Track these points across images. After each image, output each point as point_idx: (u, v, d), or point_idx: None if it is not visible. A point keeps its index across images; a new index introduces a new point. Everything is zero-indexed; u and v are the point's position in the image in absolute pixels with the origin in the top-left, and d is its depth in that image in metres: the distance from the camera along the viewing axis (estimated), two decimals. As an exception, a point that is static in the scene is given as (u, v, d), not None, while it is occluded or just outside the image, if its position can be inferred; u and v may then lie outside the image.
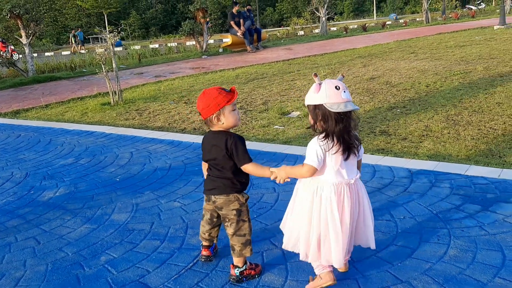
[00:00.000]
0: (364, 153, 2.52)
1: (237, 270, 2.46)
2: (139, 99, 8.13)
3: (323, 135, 2.16)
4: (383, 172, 3.82)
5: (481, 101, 6.00)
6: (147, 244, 2.91)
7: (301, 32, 24.00)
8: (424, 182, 3.55)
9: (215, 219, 2.58)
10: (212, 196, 2.45)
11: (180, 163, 4.45)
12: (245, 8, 16.34)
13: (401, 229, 2.85)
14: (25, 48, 12.51)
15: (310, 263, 2.35)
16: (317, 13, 20.08)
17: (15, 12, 11.86)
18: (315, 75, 2.20)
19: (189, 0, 64.12)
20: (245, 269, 2.48)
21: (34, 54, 13.20)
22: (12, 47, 18.81)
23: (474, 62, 9.15)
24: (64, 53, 27.55)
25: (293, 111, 6.46)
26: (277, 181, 2.35)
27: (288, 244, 2.43)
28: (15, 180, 4.32)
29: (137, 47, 22.19)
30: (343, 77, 2.29)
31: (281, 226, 2.54)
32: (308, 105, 2.23)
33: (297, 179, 2.39)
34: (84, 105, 8.17)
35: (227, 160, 2.38)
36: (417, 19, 29.59)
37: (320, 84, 2.15)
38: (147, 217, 3.31)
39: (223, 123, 2.37)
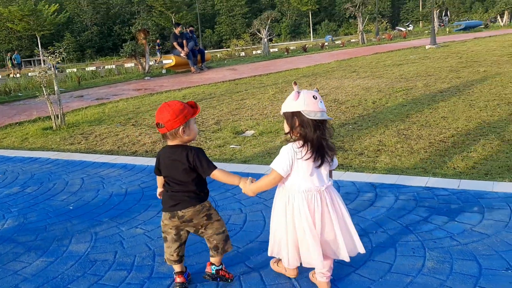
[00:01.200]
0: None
1: (214, 268, 2.55)
2: (83, 123, 7.79)
3: (300, 142, 2.21)
4: (347, 187, 3.84)
5: (427, 115, 6.24)
6: (113, 275, 2.71)
7: (242, 53, 24.24)
8: (388, 196, 3.59)
9: (182, 235, 2.50)
10: (178, 212, 2.41)
11: (136, 187, 4.26)
12: (188, 29, 16.27)
13: (375, 244, 2.84)
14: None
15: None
16: (259, 34, 20.38)
17: None
18: (295, 83, 2.27)
19: (126, 23, 63.42)
20: (221, 269, 2.57)
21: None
22: None
23: (413, 79, 9.57)
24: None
25: (247, 129, 6.41)
26: (243, 192, 2.43)
27: (272, 251, 2.48)
28: (-46, 213, 3.94)
29: (73, 69, 21.46)
30: (318, 90, 2.34)
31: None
32: (285, 113, 2.27)
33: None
34: (23, 130, 7.71)
35: (189, 173, 2.38)
36: (352, 40, 30.80)
37: (299, 92, 2.21)
38: (108, 246, 3.10)
39: (187, 136, 2.38)
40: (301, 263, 2.38)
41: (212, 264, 2.56)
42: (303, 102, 2.18)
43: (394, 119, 6.17)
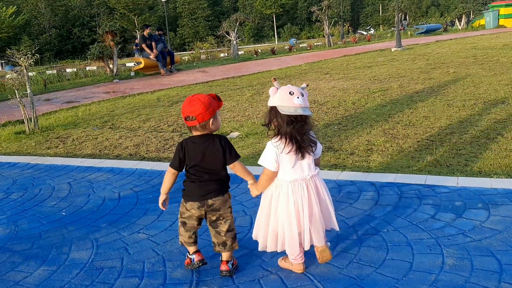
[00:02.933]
0: (320, 169, 2.72)
1: (230, 264, 2.62)
2: (57, 126, 7.50)
3: (277, 136, 2.38)
4: (347, 186, 3.83)
5: (409, 115, 6.35)
6: (124, 283, 2.59)
7: (203, 56, 23.96)
8: (391, 194, 3.60)
9: (198, 225, 2.62)
10: (209, 200, 2.51)
11: (129, 191, 4.11)
12: (157, 32, 16.01)
13: (390, 242, 2.84)
14: None
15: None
16: (228, 36, 20.31)
17: None
18: (274, 79, 2.44)
19: (85, 25, 61.95)
20: (233, 259, 2.67)
21: None
22: None
23: (387, 81, 9.74)
24: None
25: (231, 131, 6.33)
26: (251, 193, 2.60)
27: (256, 235, 2.63)
28: None
29: (31, 73, 20.71)
30: (307, 85, 2.53)
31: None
32: (268, 106, 2.44)
33: None
34: (-7, 135, 7.35)
35: (220, 160, 2.50)
36: (317, 43, 31.17)
37: (277, 88, 2.38)
38: (113, 252, 2.97)
39: (214, 127, 2.51)
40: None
41: (227, 262, 2.61)
42: (279, 98, 2.34)
43: (377, 119, 6.24)
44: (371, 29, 43.39)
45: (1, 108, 10.74)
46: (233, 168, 2.54)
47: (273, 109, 2.39)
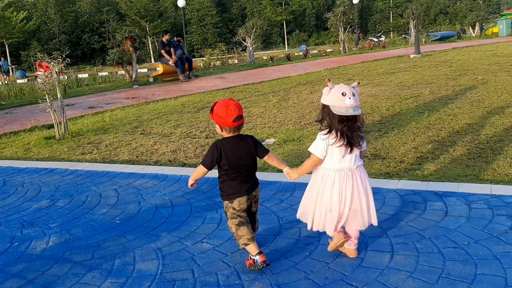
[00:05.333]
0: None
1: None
2: (87, 132, 7.40)
3: (326, 130, 2.59)
4: (409, 196, 3.68)
5: (449, 122, 6.19)
6: (202, 297, 2.46)
7: (218, 63, 23.93)
8: (459, 204, 3.45)
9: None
10: (253, 192, 2.79)
11: (181, 198, 3.98)
12: (176, 38, 15.95)
13: (475, 256, 2.68)
14: None
15: None
16: (244, 43, 20.25)
17: None
18: (328, 80, 2.60)
19: (95, 31, 62.16)
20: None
21: None
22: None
23: (415, 87, 9.59)
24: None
25: (267, 138, 6.21)
26: (289, 179, 2.87)
27: (300, 215, 2.86)
28: (-15, 230, 3.57)
29: (40, 79, 20.66)
30: (358, 83, 2.70)
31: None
32: (321, 103, 2.63)
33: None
34: (21, 140, 7.26)
35: (254, 156, 2.78)
36: (329, 50, 31.06)
37: (331, 88, 2.55)
38: (181, 263, 2.84)
39: None
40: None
41: (263, 255, 2.71)
42: (332, 98, 2.52)
43: (418, 126, 6.09)
44: (382, 35, 43.25)
45: (24, 113, 10.71)
46: (269, 159, 2.82)
47: (326, 107, 2.57)
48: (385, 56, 19.56)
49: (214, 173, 2.88)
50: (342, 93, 2.48)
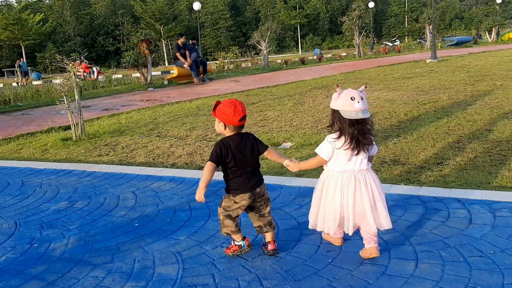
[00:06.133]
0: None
1: (276, 243, 2.93)
2: (103, 134, 7.42)
3: (336, 134, 2.67)
4: (431, 203, 3.60)
5: (469, 128, 6.10)
6: (224, 303, 2.42)
7: (231, 66, 23.95)
8: (483, 212, 3.37)
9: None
10: (257, 189, 2.85)
11: (199, 202, 3.94)
12: (191, 41, 15.99)
13: (502, 266, 2.61)
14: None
15: None
16: (259, 46, 20.25)
17: None
18: (337, 86, 2.72)
19: (109, 34, 62.66)
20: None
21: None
22: (98, 68, 17.44)
23: (432, 92, 9.48)
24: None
25: (283, 141, 6.17)
26: (290, 169, 2.94)
27: (312, 224, 2.95)
28: (4, 231, 3.57)
29: (57, 80, 20.86)
30: (365, 87, 2.75)
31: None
32: (331, 108, 2.72)
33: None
34: (38, 141, 7.30)
35: (256, 153, 2.86)
36: (343, 54, 30.93)
37: (339, 93, 2.64)
38: (201, 268, 2.80)
39: None
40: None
41: (274, 241, 2.91)
42: (341, 103, 2.61)
43: (437, 132, 6.00)
44: (397, 40, 42.96)
45: (40, 114, 10.80)
46: (268, 154, 2.89)
47: (336, 113, 2.66)
48: (401, 61, 19.41)
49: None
50: (351, 98, 2.57)
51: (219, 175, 2.99)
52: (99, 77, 16.26)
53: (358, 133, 2.61)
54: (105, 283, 2.70)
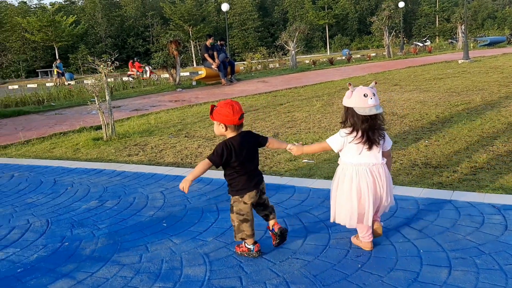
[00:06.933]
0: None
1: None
2: (133, 134, 7.52)
3: (350, 129, 2.75)
4: (465, 208, 3.49)
5: (504, 131, 5.91)
6: (251, 306, 2.40)
7: (259, 66, 23.93)
8: (521, 218, 3.25)
9: None
10: (260, 185, 2.94)
11: (226, 203, 3.93)
12: (219, 42, 16.08)
13: (542, 275, 2.51)
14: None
15: None
16: (287, 46, 20.19)
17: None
18: (350, 84, 2.78)
19: (139, 35, 63.62)
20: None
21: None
22: (151, 67, 18.17)
23: (465, 94, 9.25)
24: (29, 85, 26.10)
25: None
26: (293, 153, 3.08)
27: (332, 217, 2.99)
28: (37, 229, 3.64)
29: (89, 81, 21.24)
30: (376, 83, 2.86)
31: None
32: (343, 105, 2.80)
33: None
34: (70, 140, 7.45)
35: (256, 150, 2.97)
36: (372, 54, 30.54)
37: (352, 91, 2.72)
38: (228, 270, 2.79)
39: None
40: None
41: (277, 224, 3.01)
42: (355, 100, 2.69)
43: (471, 134, 5.84)
44: (427, 40, 42.16)
45: (72, 114, 11.03)
46: (270, 144, 3.01)
47: (349, 110, 2.74)
48: (432, 61, 19.04)
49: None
50: (364, 95, 2.66)
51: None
52: (152, 76, 16.63)
53: (370, 128, 2.70)
54: (133, 283, 2.71)
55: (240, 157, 2.83)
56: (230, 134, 2.86)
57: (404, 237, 3.06)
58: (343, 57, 29.09)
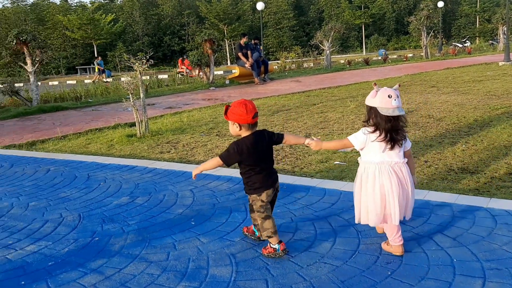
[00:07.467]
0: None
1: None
2: (166, 131, 7.60)
3: (372, 128, 2.78)
4: (503, 217, 3.35)
5: (547, 137, 5.67)
6: (276, 310, 2.36)
7: (293, 66, 23.76)
8: (562, 229, 3.10)
9: None
10: (275, 184, 2.99)
11: (255, 203, 3.92)
12: (253, 41, 16.09)
13: None
14: (30, 77, 11.90)
15: None
16: (322, 46, 20.02)
17: (21, 38, 11.31)
18: (375, 84, 2.82)
19: (175, 34, 64.41)
20: None
21: (38, 83, 12.54)
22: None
23: (505, 97, 8.93)
24: (68, 82, 26.88)
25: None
26: (311, 148, 3.06)
27: (357, 218, 2.98)
28: (69, 223, 3.72)
29: (125, 78, 21.60)
30: (399, 86, 2.90)
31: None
32: (366, 105, 2.84)
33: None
34: (105, 136, 7.60)
35: (272, 148, 3.00)
36: (409, 55, 29.92)
37: (377, 91, 2.76)
38: (254, 272, 2.76)
39: None
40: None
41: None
42: (379, 100, 2.72)
43: (510, 140, 5.61)
44: (467, 41, 40.99)
45: (108, 110, 11.24)
46: (287, 141, 3.02)
47: (373, 109, 2.77)
48: (471, 63, 18.49)
49: (288, 179, 2.79)
50: (388, 96, 2.70)
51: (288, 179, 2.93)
52: (201, 73, 16.89)
53: (393, 129, 2.73)
54: (160, 281, 2.72)
55: (254, 156, 2.86)
56: (244, 133, 2.88)
57: (437, 245, 2.96)
58: (379, 57, 28.58)
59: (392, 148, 2.77)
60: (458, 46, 34.02)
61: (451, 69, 16.24)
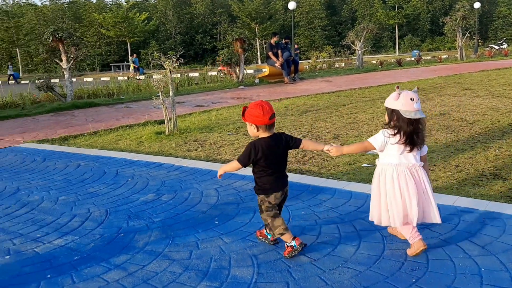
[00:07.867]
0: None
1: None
2: (194, 129, 7.65)
3: (394, 131, 2.81)
4: (536, 226, 3.24)
5: None
6: (296, 313, 2.34)
7: (324, 65, 23.60)
8: None
9: None
10: (285, 187, 3.04)
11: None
12: (284, 40, 16.05)
13: None
14: (65, 73, 12.20)
15: None
16: (354, 46, 19.82)
17: (57, 36, 11.61)
18: (397, 87, 2.90)
19: (207, 32, 64.94)
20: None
21: (72, 79, 12.86)
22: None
23: (544, 101, 8.62)
24: (102, 78, 27.49)
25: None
26: (331, 154, 3.07)
27: (370, 216, 3.04)
28: (96, 219, 3.78)
29: (155, 76, 21.89)
30: (418, 89, 2.98)
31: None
32: (387, 107, 2.89)
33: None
34: (135, 133, 7.71)
35: (287, 152, 3.02)
36: (444, 56, 29.28)
37: (399, 93, 2.80)
38: (276, 274, 2.75)
39: None
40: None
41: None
42: (402, 103, 2.76)
43: (547, 146, 5.42)
44: (504, 43, 39.79)
45: (139, 107, 11.41)
46: (305, 146, 3.02)
47: (395, 112, 2.81)
48: (508, 66, 17.94)
49: (314, 180, 2.75)
50: (411, 99, 2.74)
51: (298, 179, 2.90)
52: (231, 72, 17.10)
53: (414, 132, 2.76)
54: (181, 279, 2.74)
55: (269, 158, 2.89)
56: (262, 134, 2.92)
57: (465, 253, 2.87)
58: (413, 58, 28.08)
59: (411, 150, 2.81)
60: (494, 48, 33.08)
61: (486, 72, 15.80)
